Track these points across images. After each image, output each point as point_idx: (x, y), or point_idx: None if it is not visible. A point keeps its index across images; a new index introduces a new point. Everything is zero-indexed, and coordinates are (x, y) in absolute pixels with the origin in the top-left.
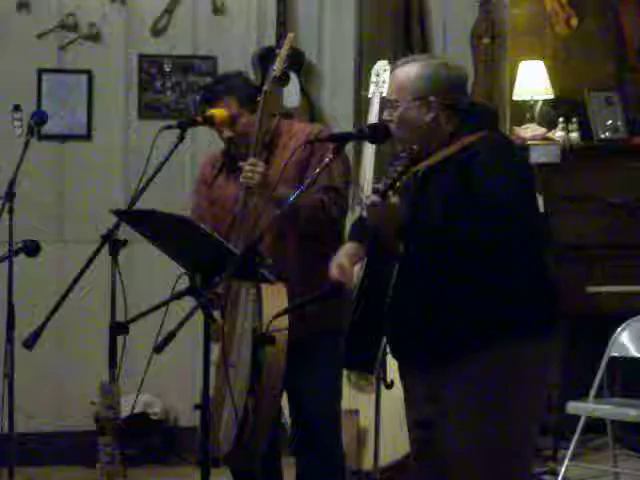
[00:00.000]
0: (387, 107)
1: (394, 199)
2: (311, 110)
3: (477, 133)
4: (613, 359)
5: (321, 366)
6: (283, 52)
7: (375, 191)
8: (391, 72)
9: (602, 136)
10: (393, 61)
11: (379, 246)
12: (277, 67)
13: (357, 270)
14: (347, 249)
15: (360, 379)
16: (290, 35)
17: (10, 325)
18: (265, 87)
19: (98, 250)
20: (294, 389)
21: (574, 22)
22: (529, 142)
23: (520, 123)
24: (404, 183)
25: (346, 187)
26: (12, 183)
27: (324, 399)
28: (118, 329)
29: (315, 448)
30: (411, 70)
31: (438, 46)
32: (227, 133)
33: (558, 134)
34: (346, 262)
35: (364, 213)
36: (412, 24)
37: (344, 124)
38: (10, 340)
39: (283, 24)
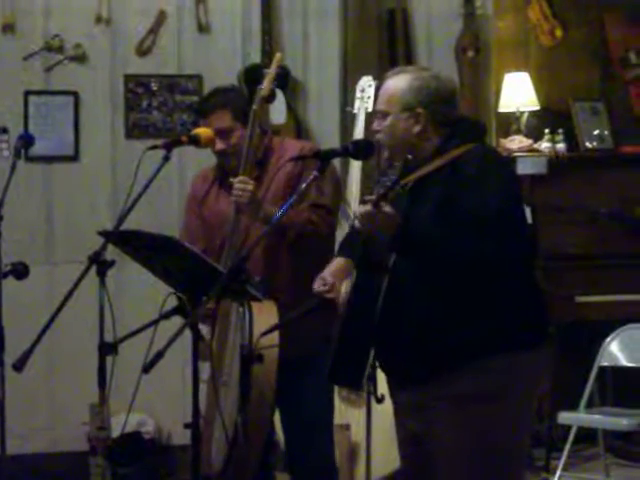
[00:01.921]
0: (376, 117)
1: (387, 208)
2: (297, 127)
3: (465, 146)
4: (603, 368)
5: (313, 382)
6: (271, 72)
7: (365, 202)
8: (381, 82)
9: (589, 146)
10: (378, 76)
11: (368, 259)
12: (265, 87)
13: (346, 286)
14: (335, 264)
15: (351, 393)
16: (278, 55)
17: (0, 347)
18: (254, 106)
19: (85, 271)
20: (286, 406)
21: (558, 33)
22: (516, 154)
23: (506, 135)
24: (396, 193)
25: (335, 204)
26: (0, 205)
27: (316, 415)
28: (107, 349)
29: (308, 464)
30: (401, 81)
31: (423, 59)
32: (219, 146)
33: (544, 145)
34: (329, 276)
35: (356, 223)
36: (397, 39)
37: (330, 140)
38: (0, 362)
39: (268, 42)
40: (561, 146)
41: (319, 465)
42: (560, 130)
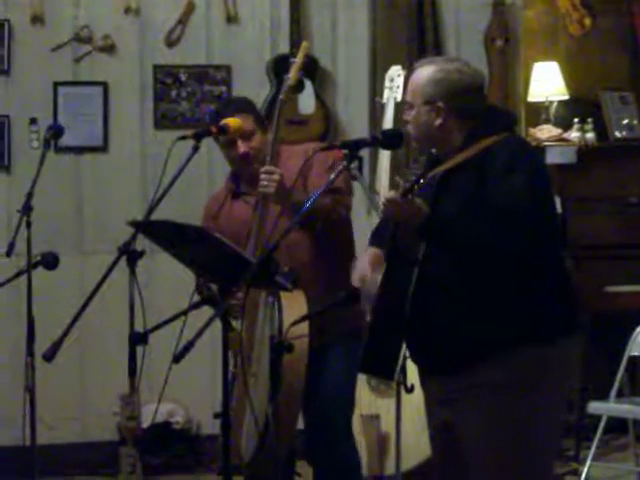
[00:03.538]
0: (406, 108)
1: (415, 200)
2: (326, 117)
3: (494, 136)
4: (633, 358)
5: (334, 367)
6: (298, 61)
7: (394, 186)
8: (410, 72)
9: (618, 135)
10: (407, 66)
11: (398, 251)
12: (292, 76)
13: (378, 278)
14: (369, 255)
15: (380, 384)
16: (304, 44)
17: (30, 338)
18: (281, 96)
19: (115, 262)
20: (308, 391)
21: (587, 22)
22: (545, 143)
23: (535, 124)
24: (422, 186)
25: (348, 187)
26: (30, 196)
27: (337, 398)
28: (137, 339)
29: (330, 452)
30: (424, 73)
31: (452, 49)
32: (243, 148)
33: (574, 135)
34: (369, 271)
35: (381, 209)
36: (426, 28)
37: (359, 130)
38: (31, 353)
39: (297, 32)
40: (590, 136)
41: (340, 454)
42: (589, 120)
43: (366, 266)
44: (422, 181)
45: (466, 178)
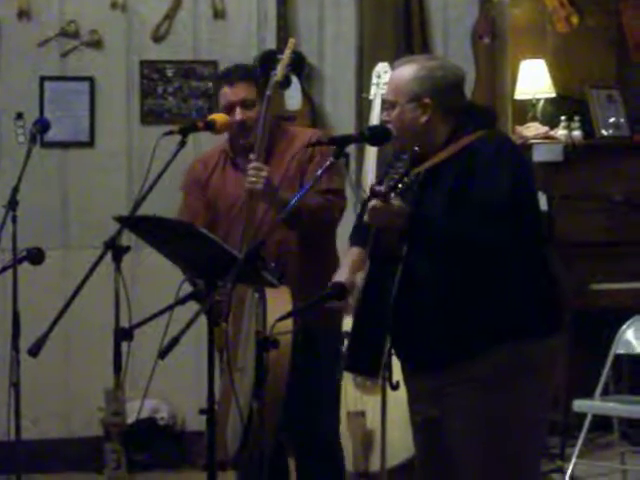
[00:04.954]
0: (385, 108)
1: (396, 201)
2: (313, 113)
3: (477, 132)
4: (619, 356)
5: (320, 360)
6: (285, 57)
7: (374, 192)
8: (390, 72)
9: (604, 134)
10: (394, 62)
11: (381, 249)
12: (279, 72)
13: (360, 275)
14: (350, 257)
15: (366, 380)
16: (291, 40)
17: (16, 333)
18: (268, 92)
19: (101, 257)
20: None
21: (575, 20)
22: (531, 141)
23: (522, 122)
24: (405, 185)
25: (343, 189)
26: (15, 191)
27: (320, 392)
28: (122, 335)
29: (314, 445)
30: (407, 71)
31: (439, 46)
32: (240, 116)
33: (560, 132)
34: (350, 275)
35: (365, 217)
36: (413, 25)
37: (346, 126)
38: (16, 348)
39: (284, 28)
40: (577, 133)
41: (325, 447)
42: (576, 117)
43: (346, 268)
44: (406, 180)
45: (449, 176)
